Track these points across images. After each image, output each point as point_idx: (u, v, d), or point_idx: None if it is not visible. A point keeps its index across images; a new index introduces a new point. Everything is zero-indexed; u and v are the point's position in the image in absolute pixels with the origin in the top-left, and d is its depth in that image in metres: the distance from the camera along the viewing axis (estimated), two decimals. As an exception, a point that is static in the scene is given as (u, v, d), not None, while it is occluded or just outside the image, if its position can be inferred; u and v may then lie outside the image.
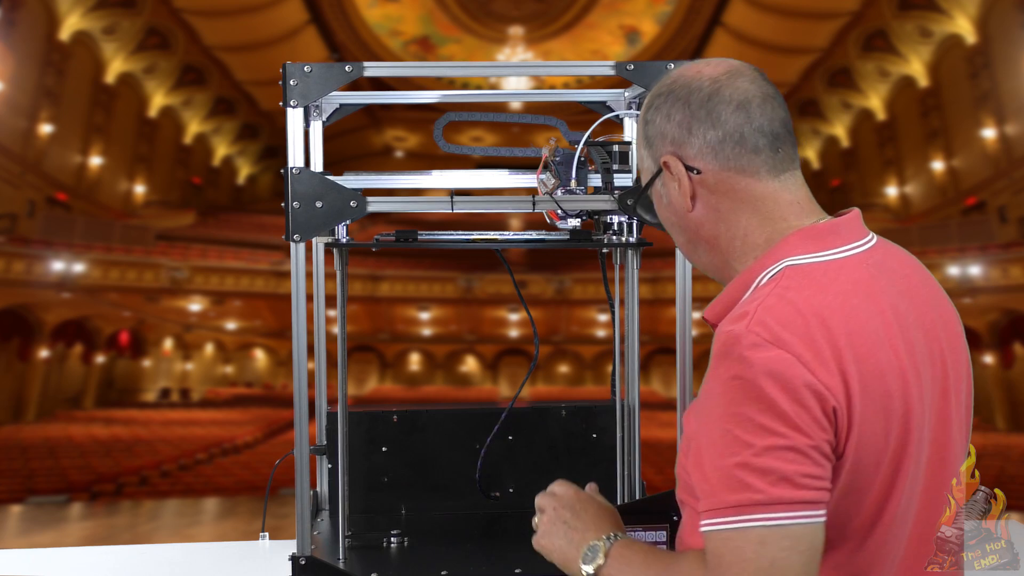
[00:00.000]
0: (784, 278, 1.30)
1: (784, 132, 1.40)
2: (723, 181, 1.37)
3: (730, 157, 1.36)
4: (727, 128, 1.35)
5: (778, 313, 1.24)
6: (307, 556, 1.93)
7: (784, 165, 1.39)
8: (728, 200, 1.38)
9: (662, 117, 1.39)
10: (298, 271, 1.91)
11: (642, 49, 23.74)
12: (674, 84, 1.39)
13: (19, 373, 19.54)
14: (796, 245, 1.34)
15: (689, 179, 1.38)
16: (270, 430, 19.06)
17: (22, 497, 13.33)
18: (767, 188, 1.38)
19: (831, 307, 1.26)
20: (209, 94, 24.20)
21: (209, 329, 24.60)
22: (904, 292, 1.36)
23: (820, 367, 1.21)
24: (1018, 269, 18.61)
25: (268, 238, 22.96)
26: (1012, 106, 18.90)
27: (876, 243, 1.41)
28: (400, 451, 2.38)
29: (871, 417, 1.24)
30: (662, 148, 1.40)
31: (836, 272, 1.31)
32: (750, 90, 1.37)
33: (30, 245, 19.54)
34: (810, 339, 1.22)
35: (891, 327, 1.30)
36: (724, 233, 1.39)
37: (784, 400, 1.19)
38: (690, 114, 1.36)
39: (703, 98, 1.36)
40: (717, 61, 1.41)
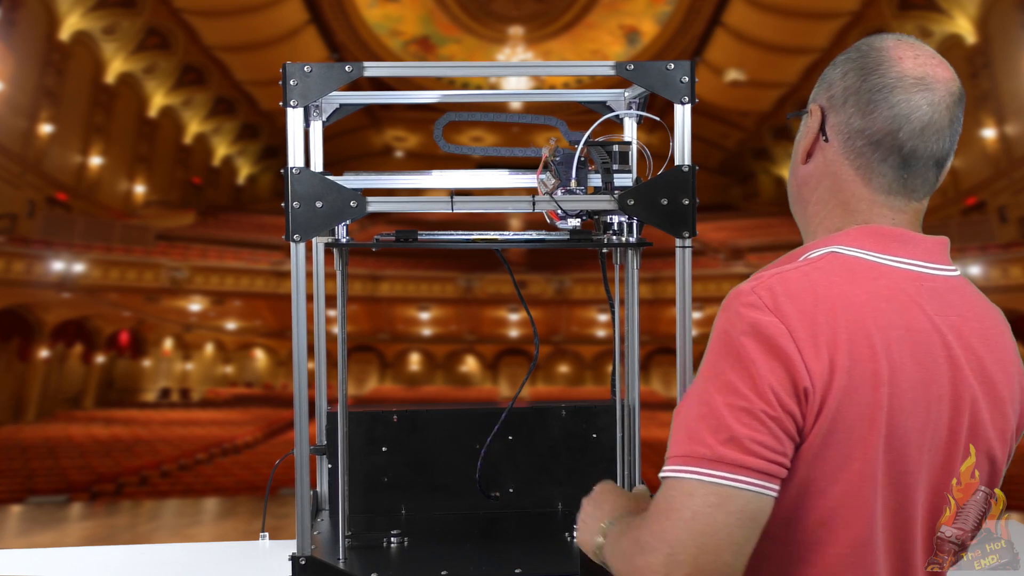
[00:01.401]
0: (823, 261, 1.28)
1: (924, 165, 1.35)
2: (835, 163, 1.35)
3: (855, 151, 1.33)
4: (873, 127, 1.31)
5: (791, 287, 1.23)
6: (307, 556, 1.93)
7: (901, 191, 1.35)
8: (830, 180, 1.36)
9: (839, 71, 1.36)
10: (298, 271, 1.91)
11: (642, 49, 23.74)
12: (871, 52, 1.34)
13: (19, 373, 19.55)
14: (855, 238, 1.31)
15: (817, 137, 1.37)
16: (270, 430, 19.06)
17: (22, 497, 13.33)
18: (867, 195, 1.34)
19: (852, 301, 1.24)
20: (209, 94, 24.21)
21: (209, 329, 24.60)
22: (952, 328, 1.31)
23: (809, 347, 1.20)
24: (1018, 269, 18.61)
25: (268, 238, 22.96)
26: (1012, 106, 18.91)
27: (952, 278, 1.36)
28: (400, 451, 2.38)
29: (847, 418, 1.22)
30: (821, 94, 1.38)
31: (878, 274, 1.29)
32: (921, 110, 1.30)
33: (30, 245, 19.54)
34: (811, 320, 1.21)
35: (911, 344, 1.27)
36: (813, 204, 1.38)
37: (760, 364, 1.18)
38: (856, 88, 1.32)
39: (877, 85, 1.31)
40: (929, 60, 1.33)
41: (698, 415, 1.20)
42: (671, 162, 1.96)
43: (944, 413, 1.30)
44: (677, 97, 1.93)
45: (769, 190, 28.99)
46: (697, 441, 1.18)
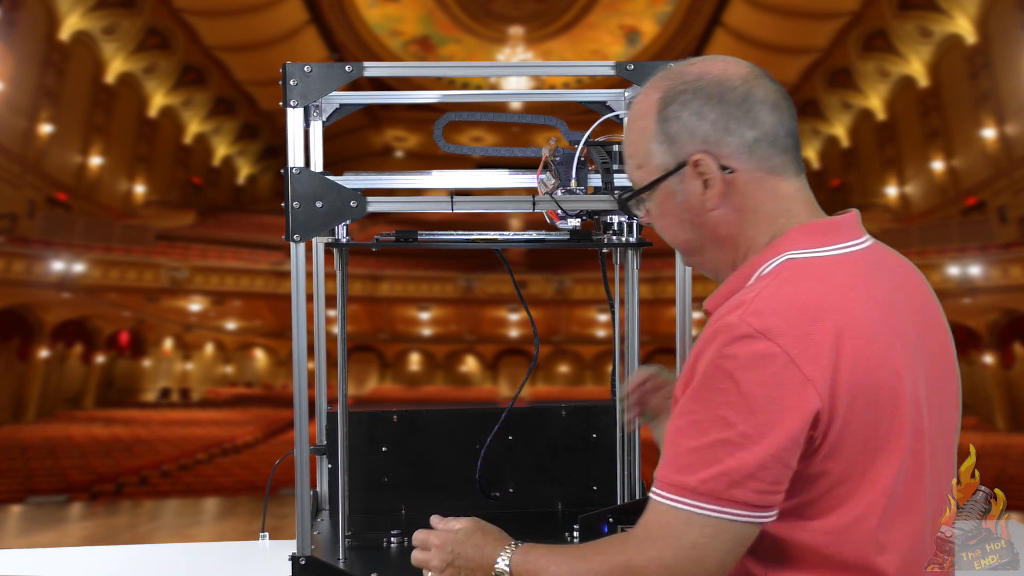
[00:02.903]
0: (784, 270, 1.31)
1: (796, 134, 1.42)
2: (754, 180, 1.38)
3: (764, 157, 1.37)
4: (764, 128, 1.36)
5: (774, 303, 1.25)
6: (307, 556, 1.93)
7: (798, 167, 1.42)
8: (753, 199, 1.39)
9: (690, 114, 1.37)
10: (298, 271, 1.91)
11: (642, 49, 23.74)
12: (700, 82, 1.37)
13: (19, 373, 19.54)
14: (797, 240, 1.36)
15: (721, 178, 1.38)
16: (270, 430, 19.06)
17: (22, 497, 13.33)
18: (791, 187, 1.40)
19: (829, 298, 1.27)
20: (209, 94, 24.20)
21: (209, 329, 24.60)
22: (900, 289, 1.39)
23: (808, 361, 1.22)
24: (1018, 269, 18.60)
25: (268, 238, 22.96)
26: (1012, 106, 18.90)
27: (873, 244, 1.43)
28: (400, 451, 2.38)
29: (860, 407, 1.25)
30: (690, 146, 1.38)
31: (836, 266, 1.33)
32: (776, 91, 1.39)
33: (30, 245, 19.53)
34: (802, 331, 1.23)
35: (889, 321, 1.32)
36: (742, 232, 1.40)
37: (758, 397, 1.21)
38: (727, 113, 1.36)
39: (739, 97, 1.36)
40: (732, 60, 1.41)
41: (694, 446, 1.23)
42: (671, 162, 1.95)
43: (933, 388, 1.37)
44: (677, 97, 1.93)
45: (769, 190, 29.01)
46: (692, 472, 1.22)
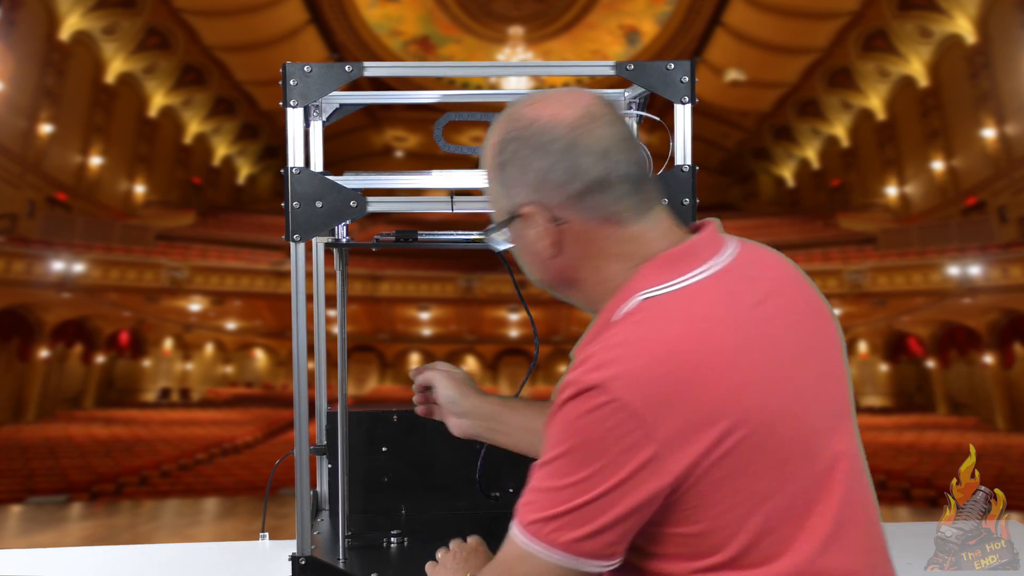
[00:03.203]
0: (638, 312, 1.28)
1: (644, 172, 1.36)
2: (588, 231, 1.35)
3: (594, 207, 1.33)
4: (591, 178, 1.32)
5: (619, 352, 1.23)
6: (307, 556, 1.93)
7: (648, 204, 1.36)
8: (594, 247, 1.36)
9: (519, 163, 1.35)
10: (298, 271, 1.91)
11: (642, 49, 23.76)
12: (529, 129, 1.34)
13: (19, 373, 19.55)
14: (650, 276, 1.31)
15: (552, 228, 1.35)
16: (270, 430, 19.08)
17: (22, 497, 13.34)
18: (633, 231, 1.35)
19: (684, 336, 1.24)
20: (209, 94, 24.22)
21: (209, 329, 24.61)
22: (770, 297, 1.35)
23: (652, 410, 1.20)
24: (1018, 269, 18.62)
25: (268, 238, 22.98)
26: (1012, 106, 18.91)
27: (736, 255, 1.38)
28: (400, 451, 2.38)
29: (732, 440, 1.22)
30: (521, 196, 1.36)
31: (692, 299, 1.29)
32: (609, 135, 1.33)
33: (30, 245, 19.54)
34: (649, 379, 1.21)
35: (753, 340, 1.28)
36: (590, 277, 1.38)
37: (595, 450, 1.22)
38: (551, 164, 1.32)
39: (564, 148, 1.32)
40: (572, 99, 1.36)
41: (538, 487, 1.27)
42: (671, 162, 1.95)
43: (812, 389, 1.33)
44: (677, 97, 1.93)
45: (769, 190, 29.02)
46: (533, 510, 1.27)
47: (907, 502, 13.31)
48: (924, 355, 21.95)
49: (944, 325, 21.15)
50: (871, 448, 16.37)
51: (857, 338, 23.73)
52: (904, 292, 21.50)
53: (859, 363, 24.11)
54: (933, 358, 21.57)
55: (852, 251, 22.69)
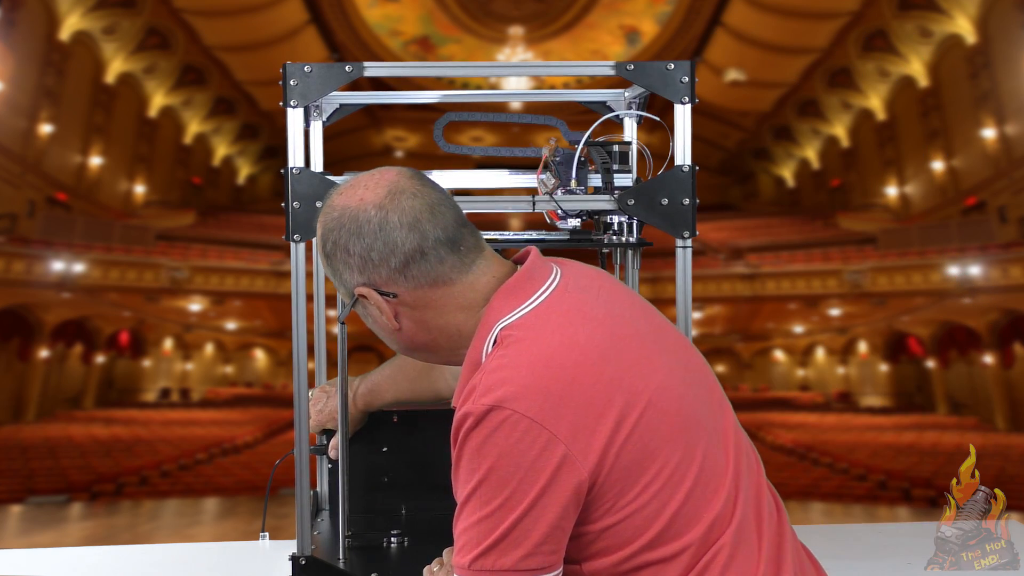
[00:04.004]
0: (504, 340, 1.36)
1: (460, 229, 1.43)
2: (421, 297, 1.42)
3: (418, 276, 1.41)
4: (406, 250, 1.39)
5: (501, 375, 1.29)
6: (307, 556, 1.93)
7: (470, 258, 1.44)
8: (432, 309, 1.43)
9: (341, 252, 1.43)
10: (298, 271, 1.91)
11: (642, 49, 23.75)
12: (341, 217, 1.42)
13: (19, 373, 19.54)
14: (500, 309, 1.39)
15: (388, 303, 1.43)
16: (270, 430, 19.07)
17: (22, 497, 13.33)
18: (464, 283, 1.43)
19: (551, 343, 1.32)
20: (209, 94, 24.21)
21: (209, 329, 24.60)
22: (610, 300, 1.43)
23: (550, 416, 1.26)
24: (1018, 269, 18.61)
25: (268, 238, 22.96)
26: (1012, 106, 18.91)
27: (563, 271, 1.47)
28: (400, 451, 2.38)
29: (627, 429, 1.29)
30: (352, 280, 1.44)
31: (547, 313, 1.38)
32: (415, 206, 1.40)
33: (30, 245, 19.54)
34: (537, 389, 1.27)
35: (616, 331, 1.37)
36: (439, 336, 1.45)
37: (506, 468, 1.26)
38: (367, 246, 1.40)
39: (374, 229, 1.40)
40: (376, 180, 1.44)
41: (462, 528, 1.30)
42: (671, 162, 1.96)
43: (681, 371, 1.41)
44: (677, 97, 1.93)
45: (769, 190, 29.00)
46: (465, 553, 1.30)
47: (907, 502, 13.31)
48: (924, 355, 21.94)
49: (944, 325, 21.14)
50: (871, 448, 16.41)
51: (857, 338, 23.72)
52: (904, 292, 21.49)
53: (859, 363, 24.10)
54: (933, 358, 21.57)
55: (852, 251, 22.68)
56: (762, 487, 1.44)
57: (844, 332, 23.82)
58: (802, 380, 24.73)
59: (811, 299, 23.06)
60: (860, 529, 2.67)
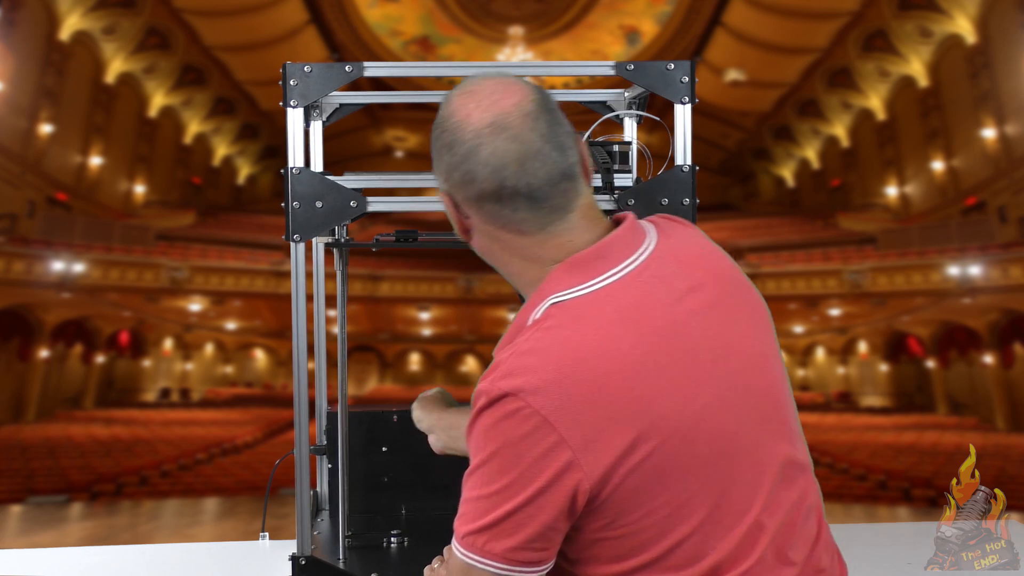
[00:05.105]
0: (547, 319, 1.29)
1: (550, 188, 1.33)
2: (489, 231, 1.37)
3: (490, 213, 1.35)
4: (482, 188, 1.32)
5: (529, 360, 1.24)
6: (307, 556, 1.93)
7: (549, 218, 1.34)
8: (498, 244, 1.38)
9: (436, 152, 1.38)
10: (298, 271, 1.91)
11: (642, 49, 23.75)
12: (447, 123, 1.35)
13: (19, 373, 19.55)
14: (559, 280, 1.32)
15: (460, 218, 1.39)
16: (270, 430, 19.07)
17: (22, 497, 13.34)
18: (531, 240, 1.36)
19: (589, 346, 1.24)
20: (209, 94, 24.21)
21: (209, 329, 24.61)
22: (688, 295, 1.33)
23: (564, 419, 1.21)
24: (1018, 269, 18.61)
25: (268, 238, 22.97)
26: (1012, 106, 18.91)
27: (655, 248, 1.37)
28: (400, 451, 2.38)
29: (645, 448, 1.23)
30: (440, 180, 1.39)
31: (602, 303, 1.29)
32: (508, 151, 1.31)
33: (30, 245, 19.54)
34: (559, 388, 1.22)
35: (664, 345, 1.27)
36: (503, 267, 1.41)
37: (510, 458, 1.23)
38: (452, 165, 1.34)
39: (462, 154, 1.33)
40: (492, 100, 1.34)
41: (465, 497, 1.28)
42: (671, 162, 1.95)
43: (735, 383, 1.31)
44: (677, 97, 1.93)
45: (769, 190, 29.01)
46: (464, 522, 1.28)
47: (907, 502, 13.31)
48: (924, 355, 21.95)
49: (944, 325, 21.15)
50: (871, 448, 16.40)
51: (857, 338, 23.72)
52: (904, 292, 21.49)
53: (859, 363, 24.11)
54: (933, 358, 21.57)
55: (852, 251, 22.69)
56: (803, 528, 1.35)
57: (844, 332, 23.83)
58: (802, 380, 24.74)
59: (811, 299, 23.07)
60: (860, 529, 2.67)
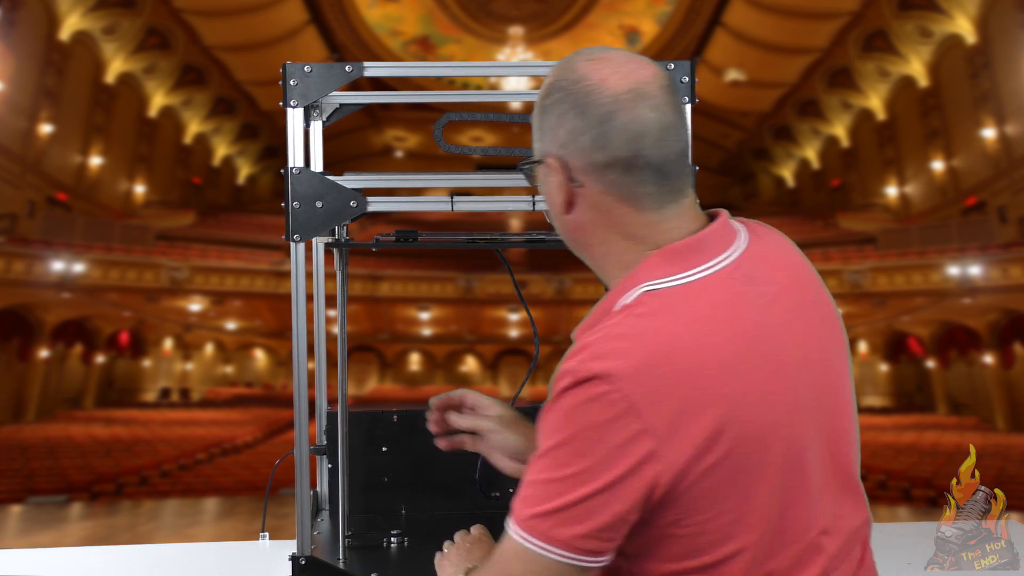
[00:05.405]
0: (639, 306, 1.26)
1: (677, 165, 1.32)
2: (602, 202, 1.32)
3: (612, 183, 1.30)
4: (615, 155, 1.28)
5: (620, 344, 1.21)
6: (307, 556, 1.93)
7: (670, 197, 1.32)
8: (604, 219, 1.33)
9: (556, 115, 1.32)
10: (298, 271, 1.91)
11: (642, 49, 23.75)
12: (576, 85, 1.30)
13: (19, 373, 19.55)
14: (654, 268, 1.29)
15: (570, 188, 1.34)
16: (270, 430, 19.07)
17: (22, 497, 13.33)
18: (645, 218, 1.32)
19: (684, 336, 1.22)
20: (209, 94, 24.21)
21: (209, 329, 24.61)
22: (778, 298, 1.33)
23: (650, 408, 1.18)
24: (1018, 269, 18.61)
25: (268, 238, 22.97)
26: (1012, 106, 18.91)
27: (746, 249, 1.37)
28: (400, 451, 2.38)
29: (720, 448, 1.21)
30: (551, 145, 1.33)
31: (695, 296, 1.27)
32: (650, 120, 1.28)
33: (30, 245, 19.54)
34: (648, 376, 1.19)
35: (755, 346, 1.26)
36: (597, 246, 1.35)
37: (591, 442, 1.19)
38: (582, 128, 1.29)
39: (599, 117, 1.28)
40: (629, 69, 1.31)
41: (532, 480, 1.24)
42: (671, 162, 1.95)
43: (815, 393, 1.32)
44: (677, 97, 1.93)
45: (769, 190, 29.01)
46: (528, 505, 1.23)
47: (907, 502, 13.31)
48: (924, 355, 21.95)
49: (944, 325, 21.15)
50: (871, 448, 16.40)
51: (857, 338, 23.72)
52: (904, 292, 21.50)
53: (859, 363, 24.10)
54: (933, 358, 21.57)
55: (852, 251, 22.69)
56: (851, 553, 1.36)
57: (844, 332, 23.82)
58: (802, 380, 24.73)
59: (811, 299, 23.04)
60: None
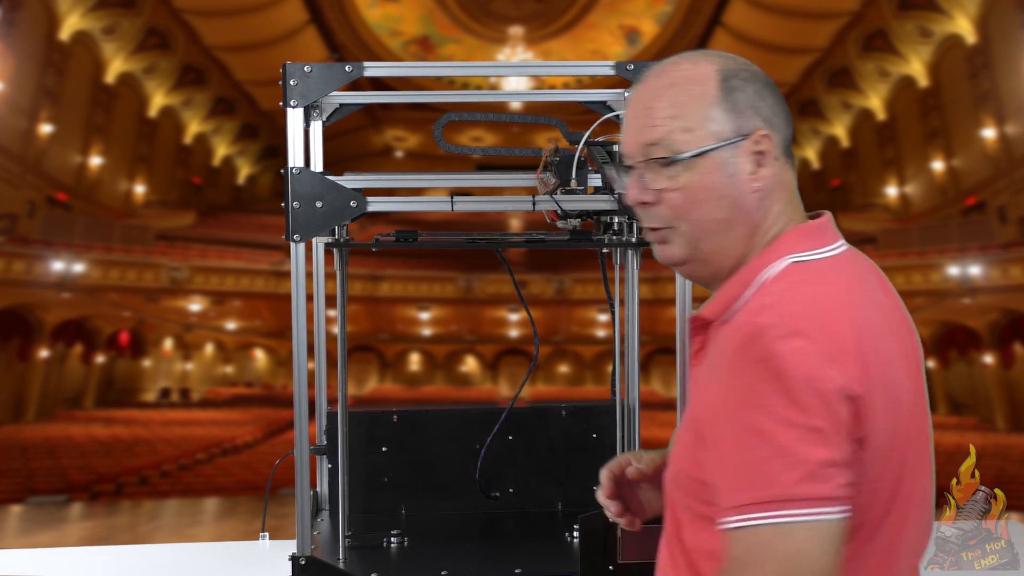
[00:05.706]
0: (791, 273, 1.31)
1: None
2: (780, 173, 1.38)
3: (787, 152, 1.40)
4: (790, 127, 1.40)
5: (798, 305, 1.25)
6: (307, 556, 1.93)
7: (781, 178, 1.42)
8: (775, 192, 1.38)
9: (754, 92, 1.36)
10: (298, 271, 1.91)
11: (642, 49, 23.74)
12: (752, 67, 1.40)
13: (19, 373, 19.54)
14: (795, 242, 1.35)
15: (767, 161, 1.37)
16: (270, 430, 19.06)
17: (22, 497, 13.33)
18: (790, 196, 1.41)
19: (840, 299, 1.27)
20: (209, 94, 24.20)
21: (209, 329, 24.59)
22: (880, 291, 1.40)
23: (842, 356, 1.21)
24: (1018, 269, 18.61)
25: (268, 238, 22.96)
26: (1012, 106, 18.90)
27: (848, 246, 1.44)
28: (400, 451, 2.38)
29: (882, 406, 1.24)
30: (755, 121, 1.35)
31: (835, 268, 1.34)
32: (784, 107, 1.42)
33: (30, 245, 19.53)
34: (830, 330, 1.22)
35: (886, 322, 1.33)
36: (763, 220, 1.38)
37: (810, 392, 1.17)
38: (776, 103, 1.38)
39: (780, 95, 1.40)
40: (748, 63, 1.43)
41: (761, 458, 1.16)
42: (671, 162, 1.95)
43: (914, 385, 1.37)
44: (677, 97, 1.92)
45: (769, 190, 29.02)
46: (771, 484, 1.15)
47: (907, 502, 13.29)
48: (924, 355, 21.93)
49: (944, 325, 21.14)
50: (871, 448, 16.42)
51: (857, 338, 23.70)
52: (904, 292, 21.32)
53: (859, 363, 24.07)
54: (933, 358, 21.57)
55: (852, 251, 22.67)
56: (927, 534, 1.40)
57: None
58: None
59: (811, 299, 23.04)
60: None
